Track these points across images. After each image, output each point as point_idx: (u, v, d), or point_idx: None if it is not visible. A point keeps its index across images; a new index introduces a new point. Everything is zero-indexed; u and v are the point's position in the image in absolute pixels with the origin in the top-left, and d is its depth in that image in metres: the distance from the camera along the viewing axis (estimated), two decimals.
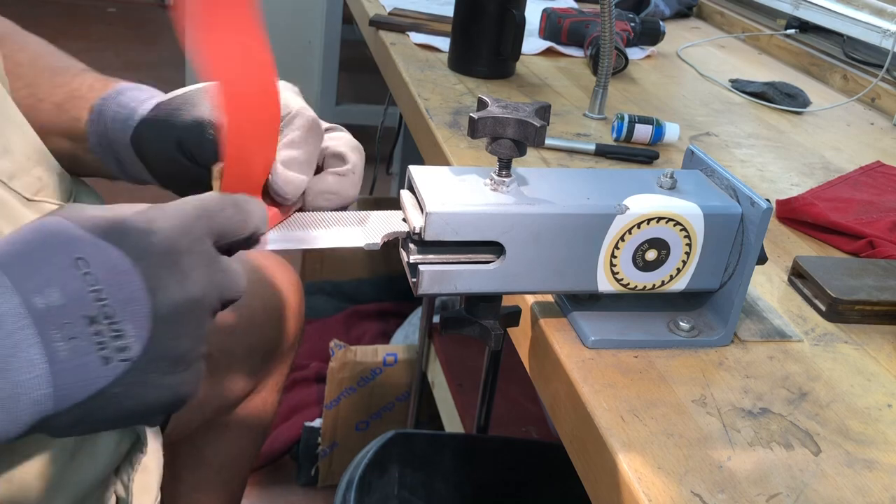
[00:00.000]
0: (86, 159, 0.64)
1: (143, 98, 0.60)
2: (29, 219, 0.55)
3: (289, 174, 0.51)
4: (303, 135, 0.53)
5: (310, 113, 0.55)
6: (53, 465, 0.57)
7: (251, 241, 0.45)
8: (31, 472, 0.55)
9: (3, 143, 0.54)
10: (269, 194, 0.51)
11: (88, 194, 0.65)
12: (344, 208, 0.55)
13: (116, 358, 0.38)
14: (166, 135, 0.57)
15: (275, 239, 0.49)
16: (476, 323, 0.53)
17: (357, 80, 2.98)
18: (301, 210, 0.54)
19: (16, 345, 0.36)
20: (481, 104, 0.50)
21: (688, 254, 0.53)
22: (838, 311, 0.61)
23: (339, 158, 0.56)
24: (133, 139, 0.59)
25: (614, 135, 0.92)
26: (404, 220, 0.50)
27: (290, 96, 0.56)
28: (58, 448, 0.57)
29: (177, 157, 0.57)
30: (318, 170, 0.56)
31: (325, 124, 0.57)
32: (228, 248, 0.44)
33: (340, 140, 0.57)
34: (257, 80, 0.47)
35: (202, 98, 0.58)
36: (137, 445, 0.66)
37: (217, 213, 0.42)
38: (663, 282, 0.54)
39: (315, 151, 0.54)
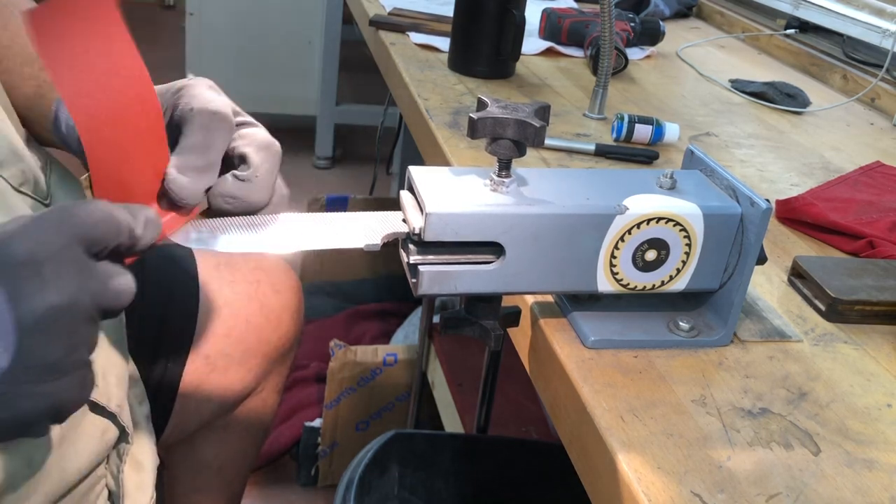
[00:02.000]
0: (52, 143, 0.65)
1: None
2: (19, 206, 0.55)
3: (181, 180, 0.50)
4: (201, 136, 0.51)
5: (211, 108, 0.52)
6: (39, 453, 0.57)
7: (134, 247, 0.44)
8: (18, 460, 0.55)
9: None
10: (168, 199, 0.50)
11: (68, 191, 0.65)
12: (254, 212, 0.53)
13: None
14: None
15: (272, 240, 0.49)
16: (476, 323, 0.53)
17: (357, 80, 2.98)
18: (207, 213, 0.52)
19: None
20: (481, 104, 0.50)
21: (687, 254, 0.53)
22: (838, 311, 0.61)
23: (243, 160, 0.53)
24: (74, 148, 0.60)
25: (614, 135, 0.92)
26: (404, 220, 0.50)
27: (197, 92, 0.53)
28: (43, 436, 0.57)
29: None
30: (227, 168, 0.53)
31: (240, 117, 0.55)
32: (112, 254, 0.43)
33: (248, 139, 0.54)
34: (123, 90, 0.46)
35: None
36: (123, 436, 0.66)
37: (84, 220, 0.41)
38: (663, 282, 0.54)
39: (218, 151, 0.52)
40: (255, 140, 0.54)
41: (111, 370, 0.66)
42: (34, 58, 0.65)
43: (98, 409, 0.63)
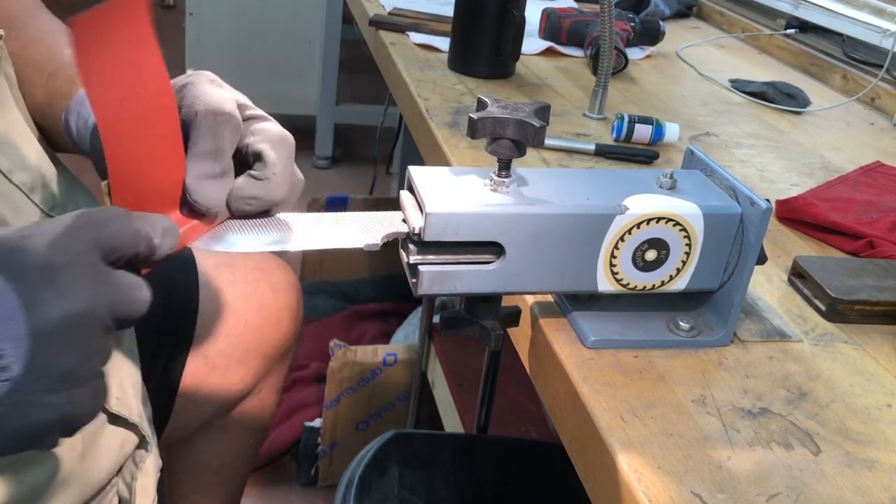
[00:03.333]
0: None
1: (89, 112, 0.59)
2: (31, 212, 0.55)
3: (205, 189, 0.49)
4: (211, 141, 0.50)
5: (216, 109, 0.50)
6: (63, 465, 0.57)
7: (151, 256, 0.44)
8: (43, 472, 0.55)
9: (21, 160, 0.54)
10: (190, 208, 0.50)
11: (80, 199, 0.65)
12: (266, 213, 0.52)
13: None
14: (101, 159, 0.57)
15: (271, 241, 0.49)
16: (476, 323, 0.53)
17: (357, 80, 2.98)
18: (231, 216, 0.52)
19: None
20: (481, 104, 0.50)
21: (687, 254, 0.53)
22: (838, 311, 0.61)
23: (258, 158, 0.52)
24: (91, 153, 0.59)
25: (614, 135, 0.92)
26: (404, 220, 0.50)
27: (200, 91, 0.51)
28: (68, 447, 0.57)
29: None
30: (240, 167, 0.52)
31: (249, 110, 0.54)
32: (128, 264, 0.43)
33: (262, 134, 0.52)
34: (148, 99, 0.46)
35: None
36: (143, 444, 0.66)
37: (103, 227, 0.41)
38: (663, 282, 0.54)
39: (228, 152, 0.51)
40: (269, 135, 0.52)
41: (127, 380, 0.65)
42: (44, 66, 0.65)
43: (119, 420, 0.63)
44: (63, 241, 0.39)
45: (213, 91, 0.52)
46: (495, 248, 0.50)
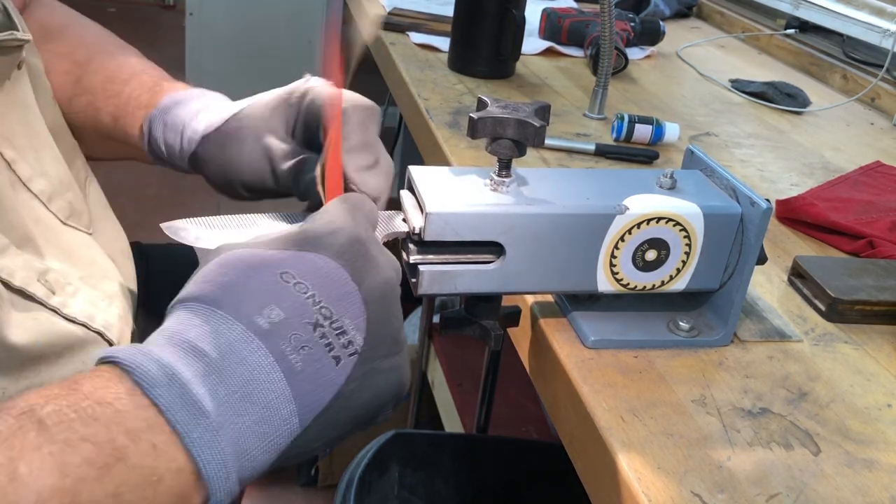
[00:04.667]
0: (143, 159, 0.65)
1: (189, 117, 0.60)
2: (67, 240, 0.54)
3: (366, 181, 0.52)
4: (362, 134, 0.53)
5: (363, 104, 0.55)
6: None
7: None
8: None
9: (41, 166, 0.54)
10: None
11: (103, 217, 0.65)
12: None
13: (345, 354, 0.39)
14: (224, 170, 0.58)
15: None
16: (476, 323, 0.53)
17: (357, 80, 2.97)
18: None
19: (252, 368, 0.36)
20: (481, 104, 0.50)
21: (687, 254, 0.53)
22: (838, 311, 0.61)
23: (367, 150, 0.54)
24: (191, 163, 0.60)
25: (614, 135, 0.92)
26: (404, 220, 0.50)
27: (334, 91, 0.56)
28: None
29: (239, 188, 0.58)
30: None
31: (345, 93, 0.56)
32: None
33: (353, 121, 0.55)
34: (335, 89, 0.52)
35: (254, 123, 0.57)
36: None
37: (372, 209, 0.46)
38: (663, 282, 0.54)
39: (377, 142, 0.55)
40: (362, 120, 0.55)
41: None
42: (116, 72, 0.65)
43: None
44: (357, 221, 0.43)
45: (340, 90, 0.56)
46: (495, 248, 0.50)
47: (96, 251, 0.57)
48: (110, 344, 0.52)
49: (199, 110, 0.60)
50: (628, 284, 0.53)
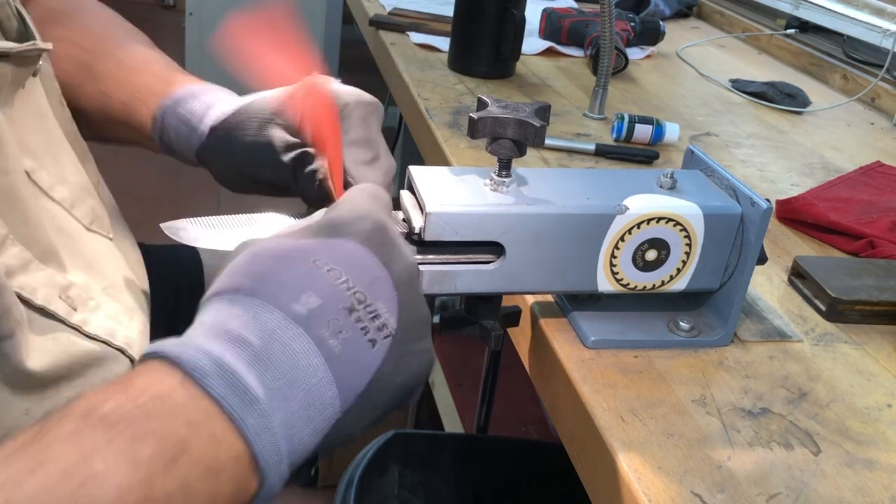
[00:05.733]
0: (150, 147, 0.65)
1: (202, 111, 0.60)
2: (91, 246, 0.54)
3: (364, 175, 0.53)
4: (363, 130, 0.54)
5: (366, 99, 0.55)
6: None
7: None
8: None
9: (60, 172, 0.54)
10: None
11: (116, 221, 0.65)
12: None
13: (380, 337, 0.39)
14: (228, 160, 0.58)
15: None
16: (476, 323, 0.53)
17: (357, 80, 2.97)
18: None
19: (295, 354, 0.37)
20: (481, 104, 0.50)
21: (688, 254, 0.53)
22: (838, 311, 0.61)
23: (367, 145, 0.55)
24: (198, 155, 0.60)
25: (614, 135, 0.92)
26: (404, 220, 0.50)
27: (336, 87, 0.56)
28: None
29: (240, 179, 0.59)
30: None
31: (337, 86, 0.57)
32: None
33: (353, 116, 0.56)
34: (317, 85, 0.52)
35: (260, 113, 0.58)
36: None
37: (387, 197, 0.46)
38: (663, 282, 0.54)
39: (378, 137, 0.55)
40: (363, 117, 0.56)
41: None
42: (128, 60, 0.65)
43: None
44: (377, 208, 0.44)
45: (346, 86, 0.56)
46: (495, 248, 0.50)
47: (118, 259, 0.57)
48: (132, 360, 0.51)
49: (212, 104, 0.60)
50: (628, 284, 0.53)
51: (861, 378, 0.55)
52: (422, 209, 0.48)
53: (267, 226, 0.52)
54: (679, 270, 0.53)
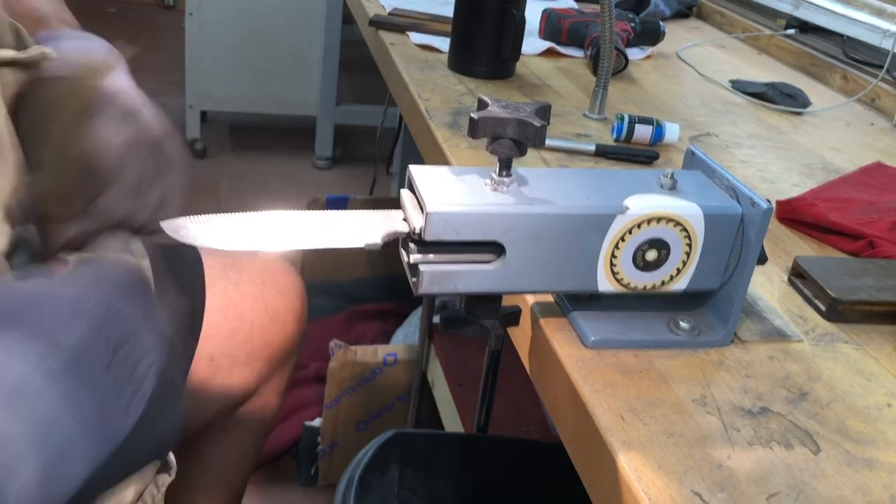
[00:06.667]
0: None
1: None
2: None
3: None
4: None
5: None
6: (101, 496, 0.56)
7: None
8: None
9: None
10: None
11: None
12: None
13: None
14: None
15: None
16: (476, 323, 0.53)
17: (357, 80, 2.98)
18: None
19: None
20: (481, 104, 0.50)
21: (688, 254, 0.53)
22: (838, 311, 0.61)
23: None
24: None
25: (614, 135, 0.92)
26: (404, 219, 0.50)
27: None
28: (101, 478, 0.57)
29: None
30: None
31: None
32: None
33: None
34: None
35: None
36: (165, 468, 0.66)
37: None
38: (663, 282, 0.54)
39: None
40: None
41: None
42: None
43: None
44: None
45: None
46: (496, 248, 0.50)
47: None
48: None
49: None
50: (629, 284, 0.53)
51: (861, 378, 0.55)
52: (422, 209, 0.48)
53: (268, 225, 0.52)
54: (679, 270, 0.53)
